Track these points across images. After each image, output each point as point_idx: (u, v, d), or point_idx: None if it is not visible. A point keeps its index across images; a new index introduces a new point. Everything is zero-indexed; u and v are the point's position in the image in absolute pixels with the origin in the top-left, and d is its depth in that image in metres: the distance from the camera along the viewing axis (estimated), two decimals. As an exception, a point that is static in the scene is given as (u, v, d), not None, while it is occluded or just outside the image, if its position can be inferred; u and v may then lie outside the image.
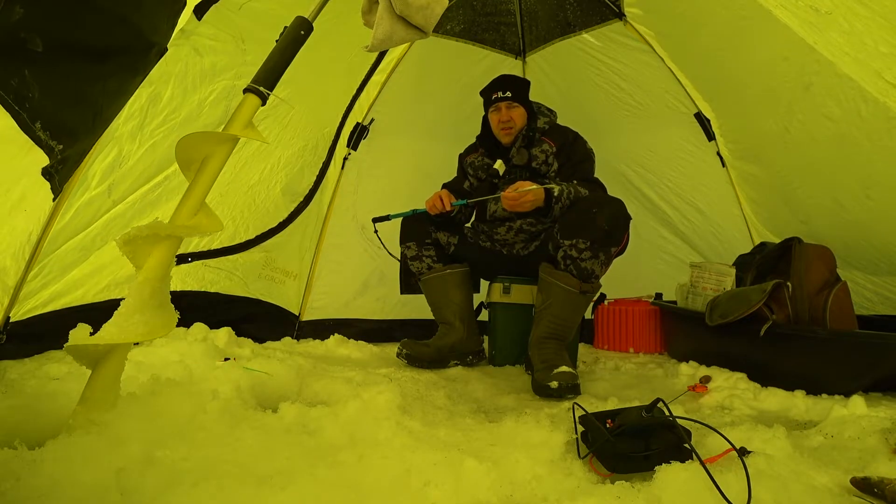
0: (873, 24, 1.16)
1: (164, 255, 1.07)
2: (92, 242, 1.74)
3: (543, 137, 2.16)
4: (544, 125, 2.18)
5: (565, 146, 2.13)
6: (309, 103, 2.32)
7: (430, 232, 2.21)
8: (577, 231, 1.83)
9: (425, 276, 2.21)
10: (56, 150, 0.96)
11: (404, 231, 2.24)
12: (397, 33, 1.32)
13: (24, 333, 1.61)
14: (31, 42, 0.81)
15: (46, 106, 0.89)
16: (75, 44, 0.91)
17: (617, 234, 1.86)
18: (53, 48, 0.85)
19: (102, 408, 0.97)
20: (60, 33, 0.86)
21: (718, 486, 0.84)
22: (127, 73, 1.09)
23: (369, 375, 1.74)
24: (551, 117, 2.22)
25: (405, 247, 2.23)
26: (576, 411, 1.19)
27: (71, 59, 0.91)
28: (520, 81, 2.23)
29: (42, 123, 0.90)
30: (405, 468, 0.92)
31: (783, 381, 1.66)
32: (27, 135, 0.89)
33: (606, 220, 1.82)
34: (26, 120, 0.87)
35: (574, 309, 1.92)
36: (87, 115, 1.03)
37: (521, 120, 2.15)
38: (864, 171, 1.90)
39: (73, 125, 1.00)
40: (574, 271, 1.84)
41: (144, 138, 1.72)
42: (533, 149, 2.15)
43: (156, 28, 1.08)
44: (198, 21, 1.64)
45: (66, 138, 0.98)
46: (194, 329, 2.03)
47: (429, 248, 2.20)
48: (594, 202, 1.89)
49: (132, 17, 0.99)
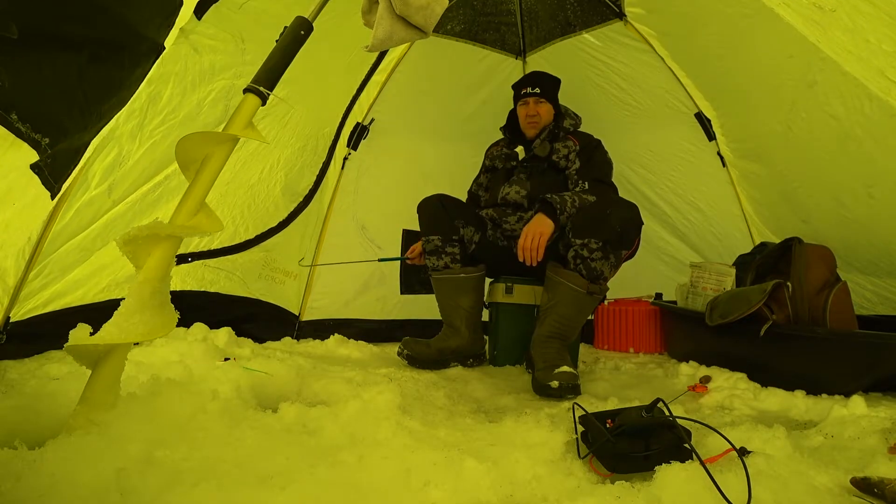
0: (877, 22, 1.16)
1: (165, 255, 1.07)
2: (92, 243, 1.74)
3: (569, 136, 2.19)
4: (570, 126, 2.22)
5: (588, 147, 2.15)
6: (309, 103, 2.32)
7: (458, 227, 2.15)
8: (589, 231, 1.83)
9: (439, 273, 2.15)
10: (43, 145, 0.94)
11: (430, 221, 2.16)
12: (397, 33, 1.32)
13: (24, 333, 1.61)
14: (6, 28, 0.78)
15: (21, 95, 0.85)
16: (52, 32, 0.87)
17: (629, 236, 1.87)
18: (28, 35, 0.82)
19: (102, 408, 0.97)
20: (37, 21, 0.83)
21: (718, 486, 0.84)
22: (112, 66, 1.05)
23: (369, 375, 1.74)
24: (577, 121, 2.27)
25: (426, 240, 2.16)
26: (576, 411, 1.19)
27: (46, 47, 0.88)
28: (550, 79, 2.26)
29: (18, 114, 0.87)
30: (405, 468, 0.92)
31: (783, 381, 1.66)
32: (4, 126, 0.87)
33: (620, 222, 1.83)
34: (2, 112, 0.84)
35: (579, 309, 1.91)
36: (71, 106, 0.99)
37: (548, 116, 2.20)
38: (866, 170, 1.90)
39: (56, 117, 0.97)
40: (583, 271, 1.84)
41: (144, 138, 1.72)
42: (556, 143, 2.17)
43: (147, 21, 1.05)
44: (198, 20, 1.64)
45: (52, 131, 0.95)
46: (194, 329, 2.03)
47: (454, 244, 2.14)
48: (609, 204, 1.90)
49: (117, 9, 0.96)
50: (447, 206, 2.16)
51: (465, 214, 2.19)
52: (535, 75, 2.26)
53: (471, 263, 2.18)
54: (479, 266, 2.19)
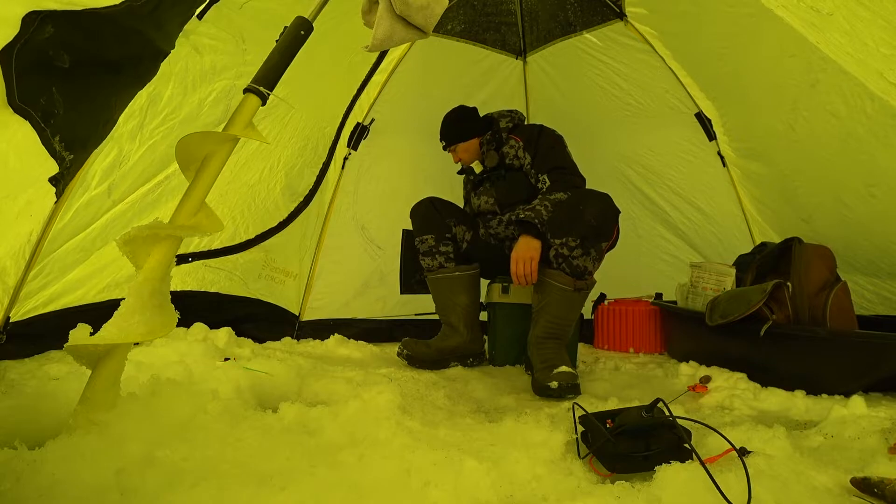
0: (874, 26, 1.16)
1: (165, 255, 1.07)
2: (92, 243, 1.74)
3: (510, 136, 2.20)
4: (507, 124, 2.23)
5: (532, 139, 2.16)
6: (309, 103, 2.32)
7: (450, 226, 2.18)
8: (565, 229, 1.83)
9: (434, 273, 2.17)
10: (67, 160, 0.97)
11: (422, 222, 2.19)
12: (397, 33, 1.32)
13: (24, 333, 1.61)
14: (59, 59, 0.82)
15: (67, 121, 0.89)
16: (96, 58, 0.91)
17: (606, 228, 1.86)
18: (77, 63, 0.85)
19: (102, 408, 0.97)
20: (84, 48, 0.87)
21: (718, 486, 0.84)
22: (137, 82, 1.10)
23: (369, 375, 1.74)
24: (513, 116, 2.27)
25: (420, 240, 2.18)
26: (576, 411, 1.19)
27: (91, 73, 0.91)
28: (449, 123, 2.26)
29: (61, 137, 0.91)
30: (405, 468, 0.92)
31: (783, 381, 1.66)
32: (46, 148, 0.90)
33: (594, 215, 1.82)
34: (49, 136, 0.87)
35: (570, 307, 1.91)
36: (100, 125, 1.03)
37: (469, 153, 2.23)
38: (868, 169, 1.90)
39: (85, 136, 1.00)
40: (567, 269, 1.85)
41: (144, 138, 1.71)
42: (503, 148, 2.19)
43: (168, 37, 1.09)
44: (198, 21, 1.64)
45: (78, 148, 0.98)
46: (194, 329, 2.03)
47: (447, 243, 2.16)
48: (580, 199, 1.88)
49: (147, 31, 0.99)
50: (438, 207, 2.21)
51: (456, 213, 2.23)
52: (442, 128, 2.27)
53: (464, 262, 2.21)
54: (473, 265, 2.22)
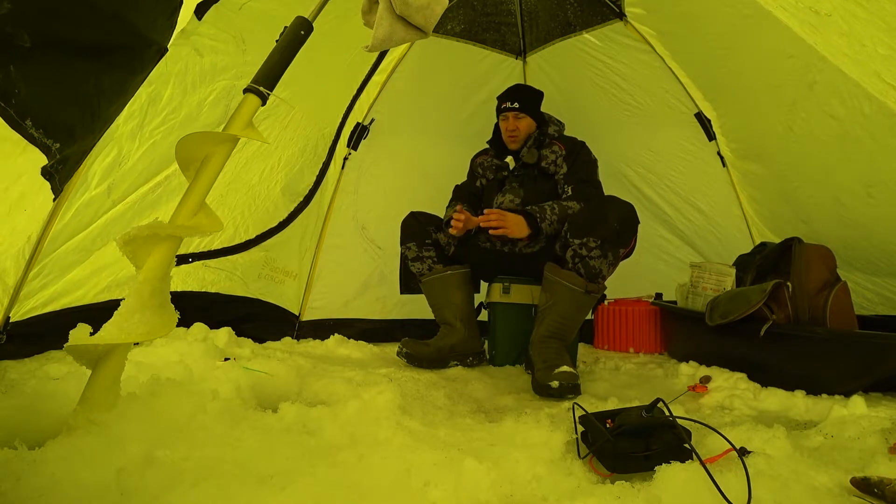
0: (872, 27, 1.16)
1: (165, 255, 1.07)
2: (92, 243, 1.74)
3: (554, 141, 2.23)
4: (554, 132, 2.27)
5: (573, 150, 2.20)
6: (309, 103, 2.32)
7: (430, 232, 2.24)
8: (588, 230, 1.86)
9: (426, 277, 2.22)
10: (53, 149, 0.96)
11: (405, 232, 2.26)
12: (397, 33, 1.32)
13: (24, 333, 1.61)
14: (19, 37, 0.80)
15: (36, 102, 0.87)
16: (66, 40, 0.89)
17: (626, 234, 1.90)
18: (42, 44, 0.84)
19: (102, 408, 0.97)
20: (50, 29, 0.85)
21: (718, 486, 0.84)
22: (124, 72, 1.08)
23: (369, 375, 1.74)
24: (560, 127, 2.31)
25: (405, 248, 2.25)
26: (576, 411, 1.19)
27: (61, 55, 0.90)
28: (530, 92, 2.31)
29: (33, 120, 0.89)
30: (405, 468, 0.92)
31: (783, 381, 1.66)
32: (18, 132, 0.88)
33: (617, 220, 1.87)
34: (13, 116, 0.85)
35: (578, 309, 1.92)
36: (85, 113, 1.01)
37: (527, 129, 2.24)
38: (866, 170, 1.90)
39: (68, 123, 0.98)
40: (582, 270, 1.87)
41: (144, 138, 1.72)
42: (543, 150, 2.21)
43: (152, 24, 1.07)
44: (198, 21, 1.65)
45: (63, 136, 0.97)
46: (194, 329, 2.03)
47: (429, 248, 2.22)
48: (606, 203, 1.94)
49: (126, 14, 0.97)
50: (419, 217, 2.27)
51: (437, 223, 2.27)
52: (514, 89, 2.31)
53: (453, 263, 2.25)
54: (464, 265, 2.25)
